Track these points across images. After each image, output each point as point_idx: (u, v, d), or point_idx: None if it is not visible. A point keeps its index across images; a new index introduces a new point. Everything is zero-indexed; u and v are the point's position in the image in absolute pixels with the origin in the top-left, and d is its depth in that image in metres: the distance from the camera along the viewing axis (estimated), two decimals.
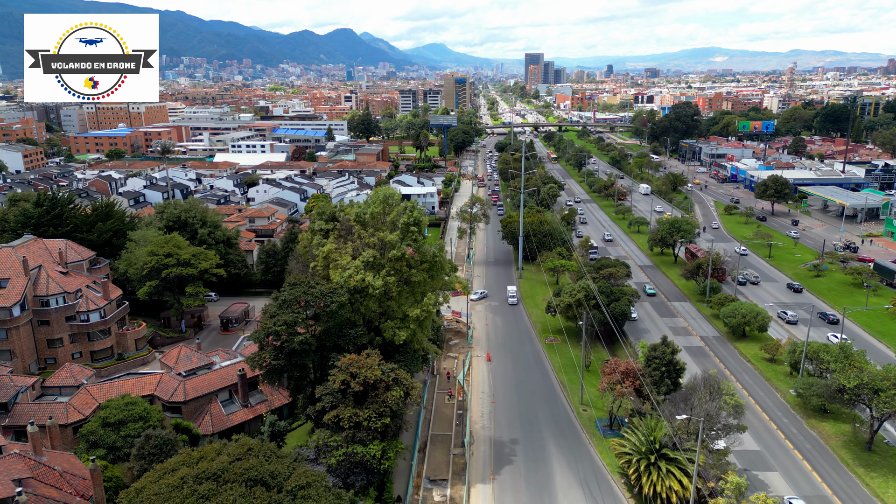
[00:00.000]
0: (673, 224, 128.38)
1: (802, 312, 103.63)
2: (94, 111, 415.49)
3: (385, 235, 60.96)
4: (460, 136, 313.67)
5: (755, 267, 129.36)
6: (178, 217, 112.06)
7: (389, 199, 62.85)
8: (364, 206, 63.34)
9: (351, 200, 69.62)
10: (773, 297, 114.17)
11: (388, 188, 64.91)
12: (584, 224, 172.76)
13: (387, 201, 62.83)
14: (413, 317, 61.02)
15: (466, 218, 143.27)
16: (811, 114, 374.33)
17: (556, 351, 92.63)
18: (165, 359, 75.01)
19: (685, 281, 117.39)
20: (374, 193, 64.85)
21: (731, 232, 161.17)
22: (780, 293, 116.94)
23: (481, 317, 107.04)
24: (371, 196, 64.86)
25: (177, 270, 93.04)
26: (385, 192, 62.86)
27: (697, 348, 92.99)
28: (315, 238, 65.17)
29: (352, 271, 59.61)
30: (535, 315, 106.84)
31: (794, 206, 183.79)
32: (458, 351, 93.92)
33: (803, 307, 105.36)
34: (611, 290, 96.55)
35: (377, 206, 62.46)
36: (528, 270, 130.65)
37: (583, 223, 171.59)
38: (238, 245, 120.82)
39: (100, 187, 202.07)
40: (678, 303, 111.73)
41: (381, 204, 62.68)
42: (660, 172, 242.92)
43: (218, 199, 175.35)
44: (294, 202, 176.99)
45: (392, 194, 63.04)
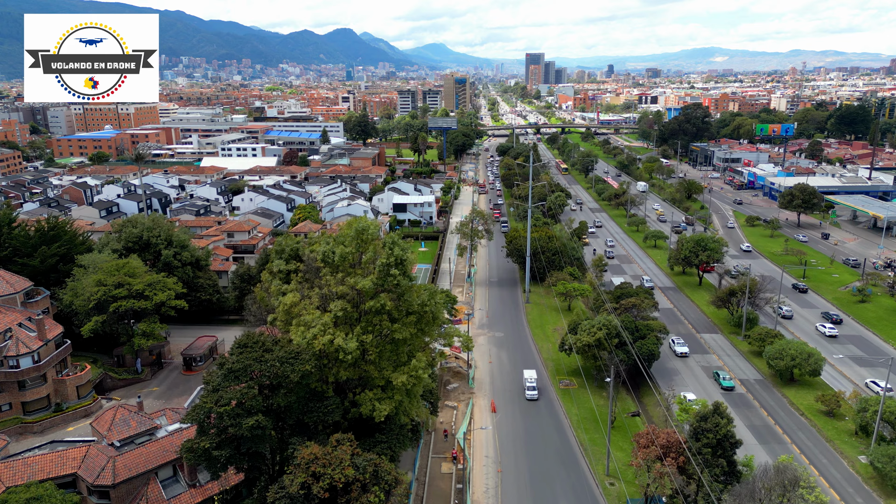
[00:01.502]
0: (698, 242, 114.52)
1: (854, 349, 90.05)
2: (81, 112, 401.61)
3: (358, 281, 47.18)
4: (460, 139, 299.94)
5: (787, 290, 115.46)
6: (139, 237, 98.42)
7: (364, 233, 49.13)
8: (333, 244, 49.54)
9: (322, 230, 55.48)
10: (813, 325, 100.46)
11: (363, 219, 51.23)
12: (595, 235, 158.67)
13: (361, 237, 49.07)
14: (398, 385, 47.30)
15: (466, 233, 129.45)
16: (824, 115, 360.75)
17: (573, 398, 78.88)
18: (98, 423, 61.17)
19: (715, 309, 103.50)
20: (345, 226, 51.14)
21: (757, 246, 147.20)
22: (819, 319, 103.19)
23: (484, 352, 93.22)
24: (342, 230, 51.15)
25: (127, 304, 79.38)
26: (359, 225, 49.09)
27: (738, 395, 79.18)
28: (274, 282, 51.44)
29: (318, 330, 45.91)
30: (545, 350, 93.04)
31: (821, 216, 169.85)
32: (457, 397, 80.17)
33: (851, 339, 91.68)
34: (635, 325, 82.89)
35: (349, 245, 48.69)
36: (535, 293, 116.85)
37: (593, 233, 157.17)
38: (209, 267, 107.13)
39: (73, 195, 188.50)
40: (708, 335, 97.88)
41: (353, 241, 48.91)
42: (672, 178, 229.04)
43: (197, 210, 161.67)
44: (280, 212, 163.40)
45: (367, 228, 49.30)
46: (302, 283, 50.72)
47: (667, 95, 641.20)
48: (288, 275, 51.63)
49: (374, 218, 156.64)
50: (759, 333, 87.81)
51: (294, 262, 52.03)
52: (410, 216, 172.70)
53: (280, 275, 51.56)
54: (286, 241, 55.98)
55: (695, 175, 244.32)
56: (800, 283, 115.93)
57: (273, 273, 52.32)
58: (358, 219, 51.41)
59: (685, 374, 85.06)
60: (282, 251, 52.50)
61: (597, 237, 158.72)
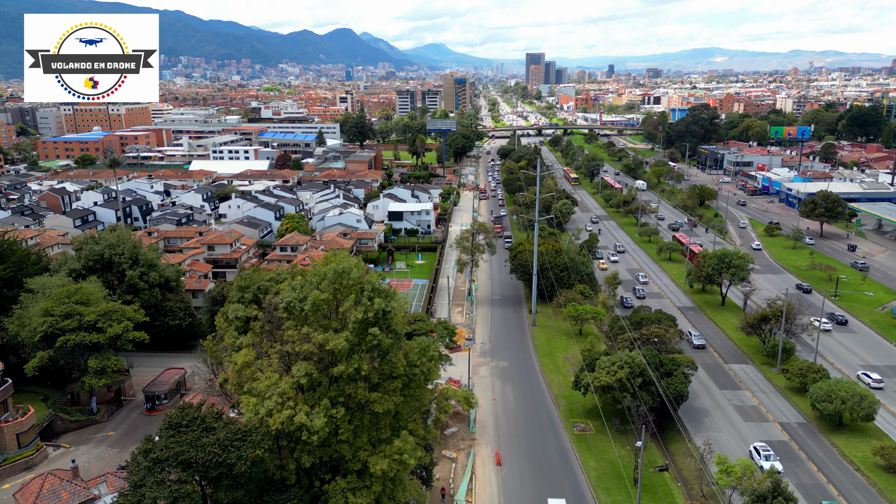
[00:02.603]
0: (721, 259, 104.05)
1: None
2: (71, 113, 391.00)
3: (328, 339, 36.72)
4: (460, 142, 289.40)
5: (818, 309, 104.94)
6: (101, 255, 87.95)
7: (345, 276, 38.60)
8: (303, 288, 39.02)
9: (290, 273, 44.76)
10: (851, 352, 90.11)
11: (344, 256, 40.72)
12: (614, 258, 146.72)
13: (340, 280, 38.56)
14: (377, 472, 36.84)
15: (466, 247, 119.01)
16: (834, 116, 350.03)
17: (590, 446, 68.46)
18: (22, 495, 50.82)
19: (742, 335, 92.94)
20: (321, 263, 40.65)
21: (779, 259, 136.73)
22: (859, 346, 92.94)
23: (486, 386, 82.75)
24: (317, 266, 40.64)
25: (77, 338, 68.93)
26: (339, 266, 38.58)
27: (780, 443, 68.71)
28: (229, 332, 40.98)
29: (274, 403, 35.55)
30: (556, 384, 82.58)
31: (844, 226, 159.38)
32: (456, 445, 69.74)
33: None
34: (659, 359, 72.50)
35: (325, 291, 38.21)
36: (542, 313, 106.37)
37: (615, 260, 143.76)
38: (181, 287, 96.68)
39: (51, 202, 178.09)
40: (737, 365, 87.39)
41: (331, 285, 38.40)
42: (682, 183, 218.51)
43: (179, 219, 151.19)
44: (268, 221, 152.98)
45: (349, 270, 38.79)
46: (261, 335, 40.38)
47: (670, 96, 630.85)
48: (247, 322, 41.42)
49: (368, 229, 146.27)
50: (800, 368, 77.29)
51: (255, 307, 41.75)
52: (407, 225, 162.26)
53: (237, 322, 41.34)
54: (252, 276, 45.72)
55: (704, 179, 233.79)
56: (838, 312, 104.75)
57: (228, 321, 42.01)
58: (339, 255, 40.92)
59: (716, 414, 74.65)
60: (244, 289, 42.26)
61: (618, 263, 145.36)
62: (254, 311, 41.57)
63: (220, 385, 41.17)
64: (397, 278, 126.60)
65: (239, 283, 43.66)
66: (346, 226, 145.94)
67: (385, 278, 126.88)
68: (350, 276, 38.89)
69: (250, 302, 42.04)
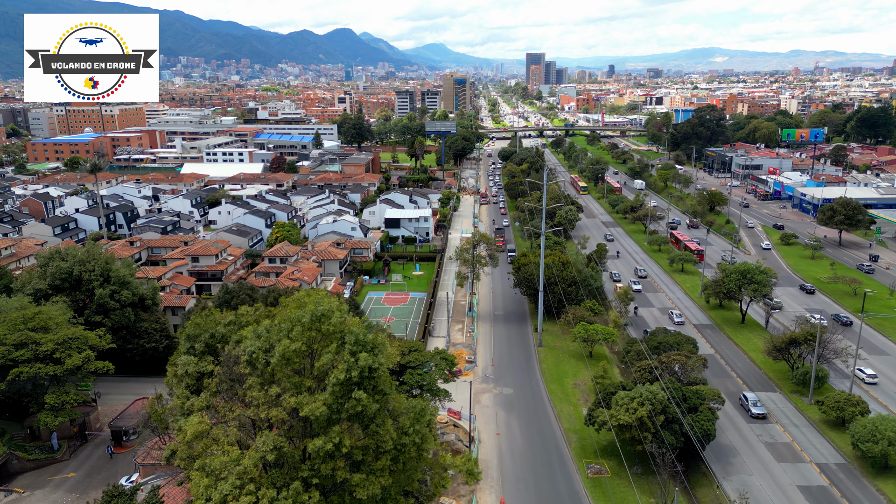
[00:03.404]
0: (743, 273, 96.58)
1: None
2: (63, 114, 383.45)
3: (303, 403, 29.28)
4: (460, 144, 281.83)
5: (849, 334, 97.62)
6: (69, 272, 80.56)
7: (323, 321, 31.19)
8: (271, 333, 31.59)
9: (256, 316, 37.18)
10: (890, 379, 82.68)
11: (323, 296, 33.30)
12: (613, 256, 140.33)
13: (318, 326, 31.13)
14: None
15: (467, 260, 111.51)
16: (842, 117, 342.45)
17: (607, 492, 60.99)
18: None
19: (767, 357, 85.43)
20: (293, 303, 33.18)
21: (797, 270, 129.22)
22: (890, 369, 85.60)
23: (489, 417, 75.29)
24: (289, 307, 33.13)
25: (30, 370, 61.54)
26: (317, 309, 31.14)
27: (819, 488, 61.27)
28: (179, 389, 33.55)
29: (231, 487, 28.04)
30: (566, 416, 75.10)
31: (863, 234, 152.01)
32: (455, 491, 62.10)
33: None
34: (682, 392, 65.04)
35: (297, 341, 30.79)
36: (548, 331, 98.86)
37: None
38: (158, 306, 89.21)
39: (33, 208, 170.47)
40: (764, 394, 79.87)
41: (304, 333, 30.96)
42: (690, 188, 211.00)
43: (164, 226, 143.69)
44: (258, 229, 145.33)
45: (328, 314, 31.39)
46: (218, 395, 33.02)
47: (672, 96, 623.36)
48: (200, 379, 34.08)
49: (363, 237, 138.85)
50: (837, 400, 69.81)
51: (210, 359, 34.41)
52: (405, 232, 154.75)
53: (188, 379, 34.04)
54: (205, 321, 38.24)
55: (712, 183, 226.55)
56: (841, 313, 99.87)
57: (178, 377, 34.66)
58: (316, 294, 33.49)
59: (745, 453, 67.15)
60: (193, 339, 34.91)
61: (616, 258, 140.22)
62: (208, 366, 34.30)
63: (166, 459, 33.80)
64: (393, 291, 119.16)
65: (188, 331, 36.33)
66: (339, 234, 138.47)
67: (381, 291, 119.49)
68: (330, 321, 31.50)
69: (203, 353, 34.79)
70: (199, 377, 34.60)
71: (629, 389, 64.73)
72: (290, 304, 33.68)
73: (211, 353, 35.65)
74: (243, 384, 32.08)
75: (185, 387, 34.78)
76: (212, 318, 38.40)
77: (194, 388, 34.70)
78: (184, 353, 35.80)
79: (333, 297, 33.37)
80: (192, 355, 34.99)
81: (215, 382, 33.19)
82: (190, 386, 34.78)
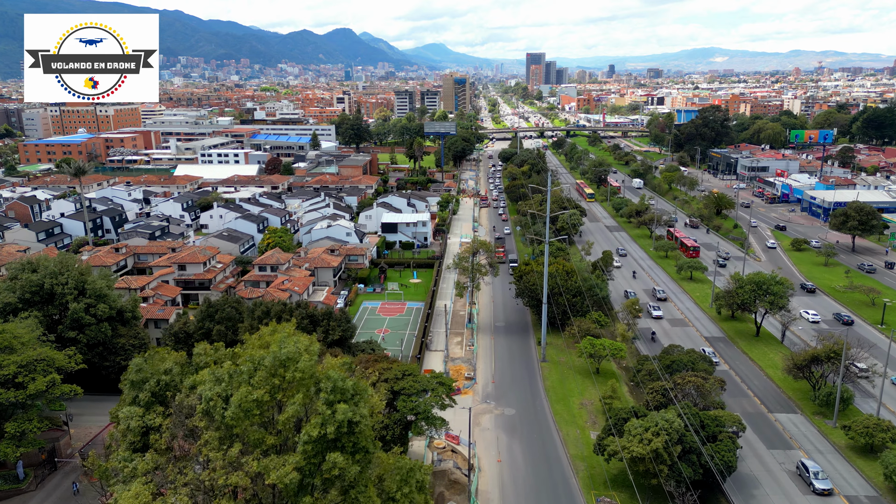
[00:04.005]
0: (758, 284, 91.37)
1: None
2: (58, 114, 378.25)
3: (269, 468, 24.09)
4: (459, 145, 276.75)
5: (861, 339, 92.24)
6: (40, 285, 75.32)
7: (289, 366, 26.02)
8: (233, 378, 26.40)
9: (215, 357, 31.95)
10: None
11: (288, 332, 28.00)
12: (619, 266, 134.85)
13: (282, 373, 25.94)
14: None
15: (466, 268, 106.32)
16: (848, 118, 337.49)
17: None
18: None
19: (785, 374, 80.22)
20: (256, 343, 27.99)
21: (810, 277, 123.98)
22: None
23: (490, 442, 70.09)
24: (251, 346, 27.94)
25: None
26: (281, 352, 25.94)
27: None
28: (122, 446, 28.32)
29: None
30: (572, 440, 69.91)
31: (877, 239, 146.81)
32: None
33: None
34: (700, 418, 59.88)
35: (259, 387, 25.54)
36: (552, 345, 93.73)
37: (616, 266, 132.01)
38: (138, 320, 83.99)
39: (19, 212, 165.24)
40: (784, 415, 74.72)
41: (267, 380, 25.79)
42: (696, 191, 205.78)
43: (153, 232, 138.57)
44: (250, 234, 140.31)
45: (294, 357, 26.27)
46: (166, 455, 27.87)
47: (674, 97, 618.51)
48: (146, 434, 28.93)
49: (359, 243, 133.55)
50: (865, 426, 64.60)
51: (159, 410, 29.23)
52: (402, 237, 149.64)
53: (132, 434, 28.90)
54: (152, 364, 32.90)
55: (717, 185, 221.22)
56: (843, 312, 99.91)
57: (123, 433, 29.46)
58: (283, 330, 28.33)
59: (767, 484, 61.94)
60: (138, 385, 29.69)
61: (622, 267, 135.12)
62: (156, 418, 29.18)
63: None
64: (389, 301, 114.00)
65: (131, 377, 31.06)
66: (334, 240, 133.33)
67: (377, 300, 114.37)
68: (297, 366, 26.36)
69: (150, 404, 29.68)
70: (145, 432, 29.49)
71: (642, 416, 59.58)
72: (253, 342, 28.57)
73: (161, 401, 30.61)
74: (197, 442, 26.94)
75: (129, 445, 29.64)
76: (162, 360, 33.20)
77: (139, 445, 29.60)
78: (127, 403, 30.58)
79: (303, 337, 28.31)
80: (136, 406, 29.83)
81: (164, 441, 28.03)
82: (134, 443, 29.68)
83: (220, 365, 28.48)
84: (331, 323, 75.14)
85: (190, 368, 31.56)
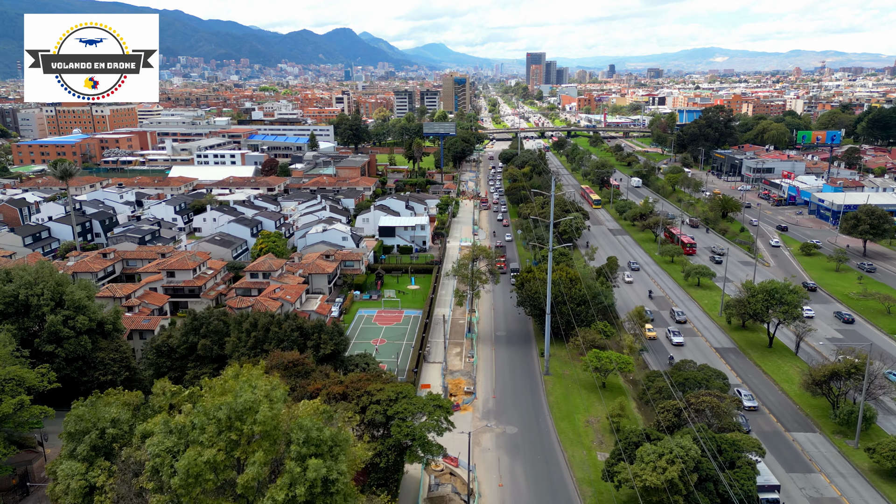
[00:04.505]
0: (771, 293, 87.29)
1: None
2: (53, 115, 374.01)
3: None
4: (459, 145, 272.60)
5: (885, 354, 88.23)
6: (15, 296, 71.30)
7: (245, 418, 21.93)
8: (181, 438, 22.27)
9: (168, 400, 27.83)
10: None
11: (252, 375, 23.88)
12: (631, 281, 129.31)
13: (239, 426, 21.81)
14: None
15: (465, 276, 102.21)
16: (852, 118, 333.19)
17: None
18: None
19: (799, 389, 76.16)
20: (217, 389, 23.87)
21: (821, 283, 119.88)
22: None
23: (491, 464, 66.00)
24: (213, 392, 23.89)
25: None
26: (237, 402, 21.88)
27: None
28: None
29: None
30: (578, 462, 65.82)
31: (888, 243, 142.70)
32: None
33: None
34: (717, 442, 55.78)
35: (209, 448, 21.44)
36: (556, 356, 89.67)
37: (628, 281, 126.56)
38: (120, 332, 79.92)
39: (7, 215, 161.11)
40: (802, 434, 70.65)
41: (222, 435, 21.67)
42: (700, 193, 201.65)
43: (143, 236, 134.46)
44: (243, 238, 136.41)
45: (252, 407, 22.15)
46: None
47: (675, 97, 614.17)
48: (90, 495, 24.84)
49: (355, 247, 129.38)
50: (891, 448, 60.52)
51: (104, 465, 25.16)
52: (400, 241, 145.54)
53: (72, 495, 24.84)
54: (94, 411, 28.71)
55: (722, 187, 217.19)
56: (844, 311, 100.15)
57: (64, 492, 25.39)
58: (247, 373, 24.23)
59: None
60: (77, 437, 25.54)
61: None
62: (100, 475, 25.15)
63: None
64: (386, 308, 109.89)
65: (69, 427, 26.96)
66: (330, 244, 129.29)
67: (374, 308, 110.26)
68: (256, 418, 22.21)
69: (92, 458, 25.61)
70: (88, 491, 25.43)
71: (655, 439, 55.49)
72: (215, 387, 24.51)
73: (107, 454, 26.52)
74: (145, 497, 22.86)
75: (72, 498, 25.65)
76: (107, 406, 29.05)
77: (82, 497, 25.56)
78: (66, 457, 26.49)
79: (268, 379, 24.26)
80: (75, 461, 25.79)
81: (113, 495, 23.95)
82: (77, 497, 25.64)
83: (176, 410, 24.43)
84: (322, 336, 71.10)
85: (147, 410, 27.51)
